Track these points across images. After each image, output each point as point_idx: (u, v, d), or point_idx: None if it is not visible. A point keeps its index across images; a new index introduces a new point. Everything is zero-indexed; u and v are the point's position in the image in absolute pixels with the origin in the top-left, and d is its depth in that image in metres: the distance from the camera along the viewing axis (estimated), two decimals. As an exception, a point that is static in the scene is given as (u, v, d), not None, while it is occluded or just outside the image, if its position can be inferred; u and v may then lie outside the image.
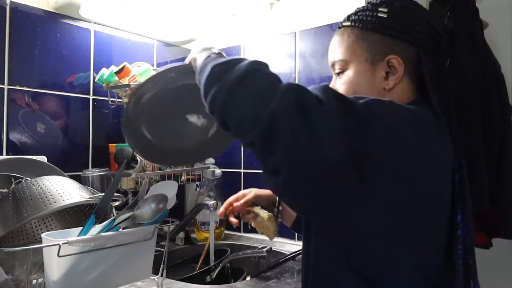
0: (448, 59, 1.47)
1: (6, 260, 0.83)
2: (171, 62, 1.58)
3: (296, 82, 1.42)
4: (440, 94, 0.76)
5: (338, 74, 0.83)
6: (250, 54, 1.56)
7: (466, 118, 1.44)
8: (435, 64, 0.77)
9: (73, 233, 0.79)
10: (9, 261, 0.84)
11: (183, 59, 1.69)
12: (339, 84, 0.82)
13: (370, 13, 0.80)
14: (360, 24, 0.80)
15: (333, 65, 0.84)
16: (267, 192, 1.02)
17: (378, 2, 0.81)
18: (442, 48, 0.79)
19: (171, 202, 0.86)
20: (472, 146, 1.40)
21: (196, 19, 1.45)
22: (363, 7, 0.83)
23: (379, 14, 0.78)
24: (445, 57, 0.77)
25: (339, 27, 0.85)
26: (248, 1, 1.47)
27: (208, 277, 1.16)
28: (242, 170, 1.55)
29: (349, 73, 0.80)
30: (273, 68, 0.64)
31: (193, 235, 1.45)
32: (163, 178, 1.31)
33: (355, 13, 0.83)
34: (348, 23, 0.82)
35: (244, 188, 1.56)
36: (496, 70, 1.53)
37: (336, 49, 0.83)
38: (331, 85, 0.83)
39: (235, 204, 0.97)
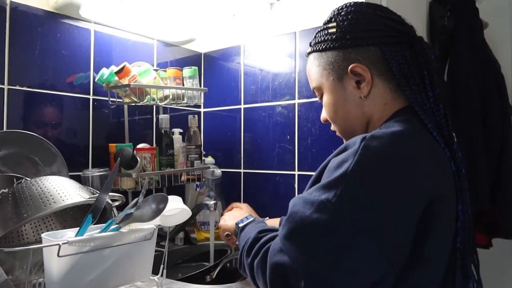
0: (448, 59, 1.47)
1: (6, 260, 0.83)
2: (171, 62, 1.58)
3: (296, 82, 1.42)
4: (417, 86, 0.73)
5: (320, 99, 0.86)
6: (250, 54, 1.56)
7: (466, 118, 1.44)
8: (402, 55, 0.74)
9: (73, 233, 0.79)
10: (9, 261, 0.84)
11: (183, 59, 1.71)
12: (323, 108, 0.86)
13: (322, 33, 0.82)
14: (317, 47, 0.82)
15: (313, 92, 0.87)
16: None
17: (327, 19, 0.83)
18: (412, 38, 0.76)
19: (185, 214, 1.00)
20: (472, 146, 1.40)
21: (196, 19, 1.45)
22: (319, 29, 0.84)
23: (329, 31, 0.80)
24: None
25: (306, 56, 0.87)
26: (248, 1, 1.47)
27: (208, 277, 1.16)
28: (242, 170, 1.55)
29: (326, 97, 0.83)
30: (273, 68, 0.64)
31: (193, 235, 1.45)
32: (163, 178, 1.31)
33: (314, 37, 0.85)
34: (309, 50, 0.85)
35: (244, 188, 1.57)
36: (496, 70, 1.53)
37: (310, 78, 0.86)
38: (322, 112, 0.89)
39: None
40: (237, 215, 0.99)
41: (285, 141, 1.45)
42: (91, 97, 1.30)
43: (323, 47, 0.80)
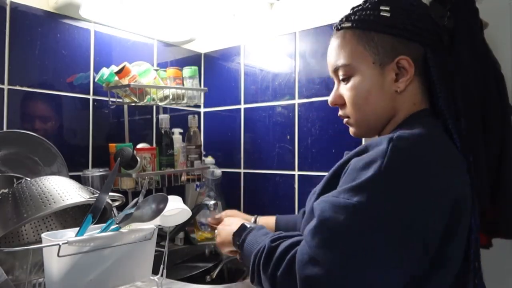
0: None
1: (6, 260, 0.83)
2: (171, 62, 1.58)
3: (296, 82, 1.42)
4: (447, 93, 0.73)
5: (344, 80, 0.78)
6: (250, 54, 1.56)
7: (466, 118, 1.44)
8: (442, 62, 0.74)
9: (73, 233, 0.79)
10: (9, 261, 0.84)
11: (183, 59, 1.71)
12: (345, 90, 0.78)
13: (371, 12, 0.75)
14: (362, 24, 0.75)
15: (335, 70, 0.80)
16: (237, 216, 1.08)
17: (377, 0, 0.76)
18: (446, 44, 0.77)
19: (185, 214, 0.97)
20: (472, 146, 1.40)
21: (196, 19, 1.45)
22: (361, 6, 0.78)
23: (381, 13, 0.74)
24: (448, 55, 0.77)
25: (337, 29, 0.80)
26: (248, 1, 1.47)
27: (208, 277, 1.16)
28: (242, 170, 1.55)
29: (357, 79, 0.76)
30: (273, 68, 0.64)
31: (193, 235, 1.45)
32: (163, 178, 1.31)
33: (354, 13, 0.78)
34: (348, 24, 0.77)
35: (244, 188, 1.56)
36: (496, 70, 1.53)
37: (338, 53, 0.78)
38: (333, 92, 0.82)
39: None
40: (228, 227, 0.91)
41: (285, 141, 1.45)
42: (91, 97, 1.30)
43: (372, 27, 0.74)
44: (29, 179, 0.88)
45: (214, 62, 1.68)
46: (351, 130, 0.83)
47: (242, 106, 1.57)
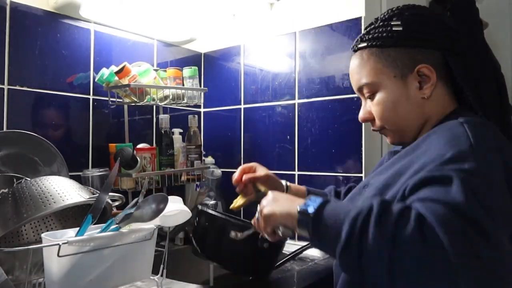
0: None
1: (6, 260, 0.83)
2: (171, 62, 1.58)
3: (296, 82, 1.42)
4: (475, 92, 0.77)
5: (369, 97, 0.82)
6: (250, 54, 1.56)
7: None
8: (462, 63, 0.77)
9: (73, 233, 0.79)
10: (9, 261, 0.84)
11: (183, 59, 1.70)
12: (374, 106, 0.81)
13: (384, 29, 0.78)
14: (377, 42, 0.79)
15: (360, 89, 0.83)
16: (271, 173, 1.03)
17: (387, 16, 0.80)
18: (463, 44, 0.79)
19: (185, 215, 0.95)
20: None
21: (196, 19, 1.45)
22: (373, 24, 0.82)
23: (393, 28, 0.77)
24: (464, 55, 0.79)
25: (354, 50, 0.84)
26: (248, 1, 1.47)
27: (235, 233, 1.10)
28: (242, 170, 1.55)
29: (382, 94, 0.79)
30: (273, 68, 0.63)
31: (193, 235, 1.45)
32: (163, 178, 1.31)
33: (368, 33, 0.81)
34: (363, 44, 0.81)
35: (244, 188, 1.55)
36: (496, 70, 1.53)
37: (360, 73, 0.82)
38: (362, 109, 0.85)
39: (253, 175, 0.99)
40: (283, 201, 0.74)
41: (285, 141, 1.45)
42: (91, 97, 1.30)
43: (386, 43, 0.78)
44: (29, 179, 0.88)
45: (214, 62, 1.68)
46: (388, 139, 0.86)
47: (242, 106, 1.57)
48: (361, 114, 0.86)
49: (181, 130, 1.40)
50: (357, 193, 0.82)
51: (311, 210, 0.64)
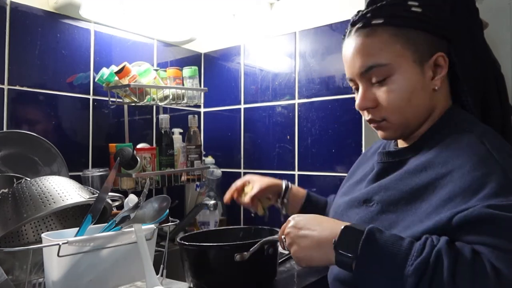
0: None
1: (6, 260, 0.83)
2: (171, 62, 1.58)
3: (296, 82, 1.42)
4: (470, 85, 0.74)
5: (379, 82, 0.72)
6: (250, 54, 1.56)
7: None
8: (462, 55, 0.74)
9: (73, 233, 0.79)
10: (9, 261, 0.84)
11: (183, 59, 1.70)
12: (384, 93, 0.72)
13: (402, 8, 0.70)
14: (395, 20, 0.70)
15: (365, 71, 0.72)
16: (267, 182, 1.01)
17: None
18: (465, 40, 0.75)
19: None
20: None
21: (196, 19, 1.45)
22: (385, 1, 0.72)
23: (412, 9, 0.70)
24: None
25: (362, 26, 0.73)
26: (248, 1, 1.47)
27: (239, 256, 1.10)
28: (242, 170, 1.55)
29: (398, 79, 0.70)
30: (273, 68, 0.63)
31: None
32: (163, 178, 1.31)
33: (379, 8, 0.71)
34: (379, 21, 0.71)
35: (244, 188, 1.55)
36: (496, 70, 1.53)
37: (370, 53, 0.71)
38: (362, 95, 0.75)
39: (242, 200, 1.00)
40: (314, 232, 0.68)
41: (285, 141, 1.45)
42: (91, 97, 1.30)
43: (408, 23, 0.70)
44: (29, 179, 0.88)
45: (214, 62, 1.68)
46: (383, 133, 0.77)
47: (242, 106, 1.57)
48: (361, 102, 0.75)
49: (181, 130, 1.40)
50: (355, 206, 0.75)
51: (352, 249, 0.60)
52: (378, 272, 0.58)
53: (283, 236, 0.74)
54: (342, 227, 0.63)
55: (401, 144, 0.82)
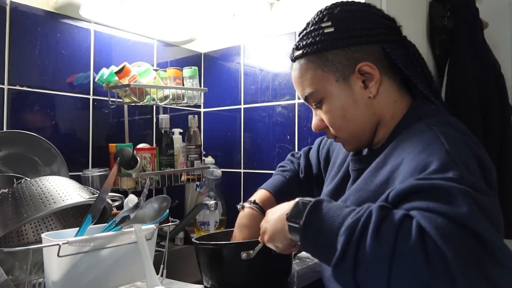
0: (448, 59, 1.47)
1: (6, 260, 0.83)
2: (171, 62, 1.58)
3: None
4: (421, 78, 0.75)
5: (317, 106, 0.78)
6: (250, 54, 1.56)
7: (466, 118, 1.44)
8: (404, 51, 0.75)
9: (73, 233, 0.79)
10: (9, 261, 0.84)
11: (183, 59, 1.70)
12: (323, 115, 0.78)
13: (316, 33, 0.75)
14: (312, 48, 0.75)
15: (306, 99, 0.80)
16: (247, 235, 0.96)
17: (317, 19, 0.77)
18: (400, 32, 0.77)
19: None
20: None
21: (196, 19, 1.45)
22: (305, 30, 0.78)
23: (325, 31, 0.74)
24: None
25: (293, 61, 0.80)
26: (248, 1, 1.47)
27: (245, 254, 1.09)
28: (242, 170, 1.55)
29: (328, 101, 0.76)
30: (273, 68, 0.63)
31: (193, 235, 1.45)
32: (163, 178, 1.31)
33: (301, 39, 0.78)
34: (299, 53, 0.77)
35: (244, 188, 1.56)
36: (496, 70, 1.53)
37: (302, 83, 0.78)
38: (314, 118, 0.81)
39: None
40: (275, 215, 0.72)
41: (285, 141, 1.45)
42: (91, 97, 1.30)
43: (321, 47, 0.74)
44: (29, 179, 0.88)
45: (214, 62, 1.68)
46: (344, 147, 0.83)
47: (242, 106, 1.57)
48: (314, 123, 0.82)
49: (181, 130, 1.40)
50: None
51: (298, 222, 0.62)
52: (319, 237, 0.59)
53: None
54: (296, 200, 0.66)
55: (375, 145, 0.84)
